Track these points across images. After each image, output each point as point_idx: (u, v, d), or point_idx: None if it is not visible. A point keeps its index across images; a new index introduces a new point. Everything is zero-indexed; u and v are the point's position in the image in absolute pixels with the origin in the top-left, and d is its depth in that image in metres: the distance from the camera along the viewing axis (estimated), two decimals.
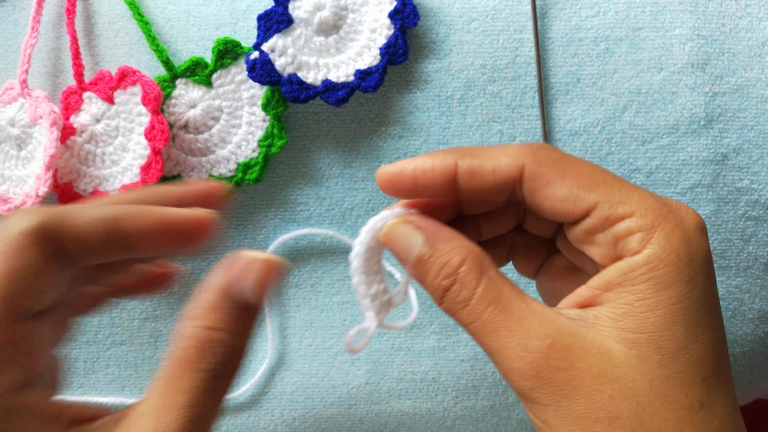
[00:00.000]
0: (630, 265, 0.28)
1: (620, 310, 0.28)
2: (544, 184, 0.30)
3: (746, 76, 0.45)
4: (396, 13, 0.44)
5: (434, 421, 0.49)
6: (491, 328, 0.29)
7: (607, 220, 0.29)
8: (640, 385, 0.27)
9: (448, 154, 0.31)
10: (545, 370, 0.28)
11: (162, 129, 0.43)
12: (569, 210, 0.30)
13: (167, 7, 0.46)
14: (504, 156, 0.30)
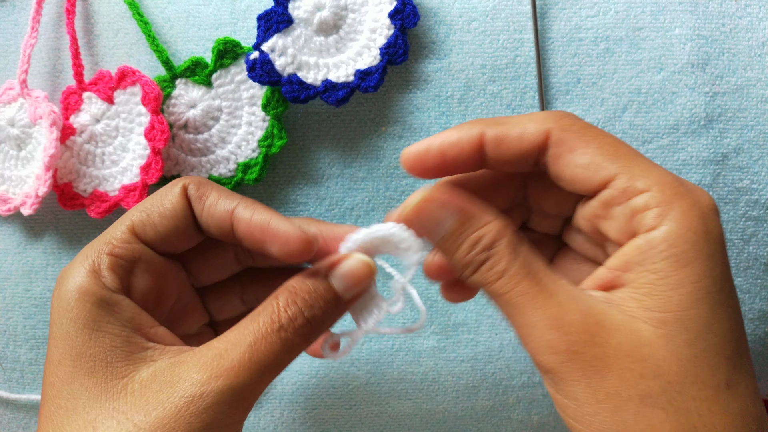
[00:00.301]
0: (648, 242, 0.28)
1: (643, 290, 0.28)
2: (568, 149, 0.30)
3: (746, 76, 0.45)
4: (396, 13, 0.44)
5: (434, 422, 0.49)
6: (526, 299, 0.29)
7: (625, 192, 0.29)
8: (670, 364, 0.27)
9: (473, 125, 0.32)
10: (578, 345, 0.28)
11: (162, 129, 0.43)
12: (589, 178, 0.30)
13: (167, 7, 0.46)
14: (530, 122, 0.31)
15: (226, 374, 0.29)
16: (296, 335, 0.31)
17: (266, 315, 0.31)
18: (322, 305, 0.32)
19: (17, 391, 0.49)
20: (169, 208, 0.33)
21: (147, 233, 0.33)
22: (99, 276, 0.31)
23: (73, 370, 0.30)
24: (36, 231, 0.48)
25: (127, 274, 0.33)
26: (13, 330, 0.48)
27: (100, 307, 0.31)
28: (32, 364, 0.49)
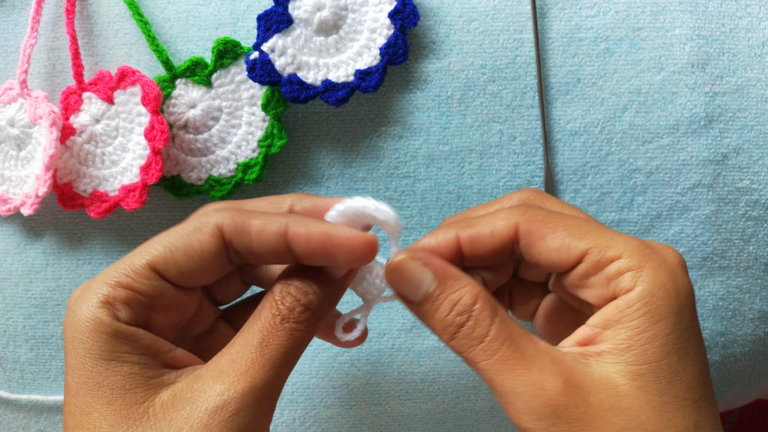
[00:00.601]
0: (625, 302, 0.31)
1: (622, 345, 0.30)
2: (538, 238, 0.33)
3: (746, 76, 0.45)
4: (396, 13, 0.44)
5: (434, 422, 0.49)
6: (507, 366, 0.30)
7: (598, 264, 0.32)
8: (646, 413, 0.29)
9: (447, 230, 0.34)
10: (561, 408, 0.29)
11: (162, 129, 0.43)
12: (563, 259, 0.32)
13: (167, 7, 0.46)
14: (498, 220, 0.33)
15: (242, 377, 0.30)
16: (299, 324, 0.31)
17: (267, 310, 0.32)
18: (316, 289, 0.32)
19: (17, 391, 0.49)
20: (196, 249, 0.32)
21: (169, 271, 0.32)
22: (113, 308, 0.31)
23: (91, 400, 0.30)
24: (36, 231, 0.48)
25: (144, 309, 0.32)
26: (13, 330, 0.48)
27: (116, 338, 0.30)
28: (32, 364, 0.49)
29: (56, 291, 0.47)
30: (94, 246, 0.47)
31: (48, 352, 0.48)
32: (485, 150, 0.46)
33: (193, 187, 0.45)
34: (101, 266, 0.47)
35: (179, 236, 0.32)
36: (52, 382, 0.49)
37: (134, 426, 0.29)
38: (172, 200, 0.47)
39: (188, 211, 0.47)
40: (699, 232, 0.46)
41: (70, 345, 0.31)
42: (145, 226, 0.47)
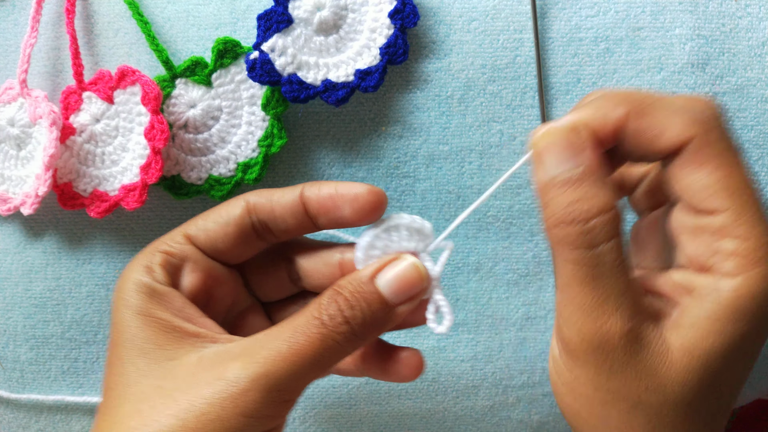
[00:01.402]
0: (720, 285, 0.29)
1: (689, 320, 0.30)
2: (698, 164, 0.29)
3: (746, 76, 0.45)
4: (396, 12, 0.44)
5: (434, 422, 0.49)
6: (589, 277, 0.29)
7: (721, 230, 0.29)
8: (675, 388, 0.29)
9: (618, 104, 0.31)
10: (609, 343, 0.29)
11: (162, 129, 0.43)
12: (700, 201, 0.29)
13: (167, 7, 0.46)
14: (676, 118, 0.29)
15: (262, 361, 0.30)
16: (336, 334, 0.31)
17: (309, 311, 0.32)
18: (364, 307, 0.32)
19: (17, 391, 0.49)
20: (224, 216, 0.36)
21: (199, 237, 0.36)
22: (151, 271, 0.35)
23: (126, 351, 0.33)
24: (36, 231, 0.48)
25: (176, 270, 0.36)
26: (13, 330, 0.48)
27: (152, 297, 0.34)
28: (32, 364, 0.49)
29: (56, 291, 0.47)
30: (94, 246, 0.47)
31: (48, 352, 0.48)
32: (485, 150, 0.46)
33: (193, 187, 0.45)
34: (101, 266, 0.47)
35: (214, 210, 0.37)
36: (52, 381, 0.49)
37: (159, 378, 0.32)
38: (172, 200, 0.47)
39: (188, 211, 0.47)
40: None
41: (114, 305, 0.34)
42: (145, 226, 0.47)
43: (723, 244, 0.29)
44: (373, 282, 0.33)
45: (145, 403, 0.31)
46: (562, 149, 0.30)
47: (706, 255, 0.30)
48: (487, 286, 0.47)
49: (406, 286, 0.33)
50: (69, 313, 0.48)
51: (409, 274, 0.33)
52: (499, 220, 0.47)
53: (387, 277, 0.33)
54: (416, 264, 0.33)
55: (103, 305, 0.47)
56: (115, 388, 0.33)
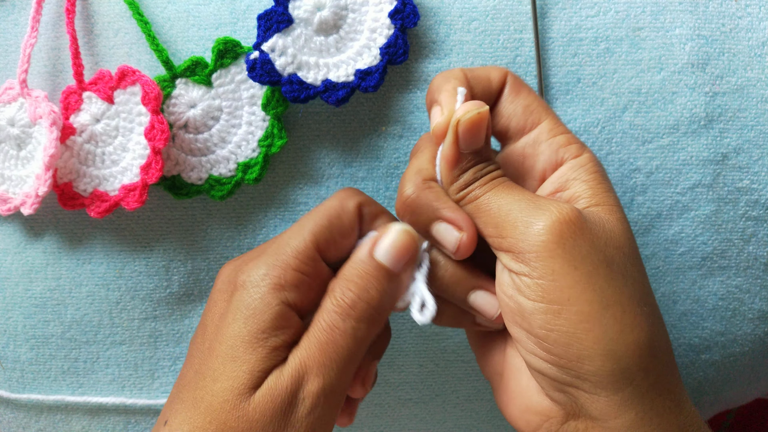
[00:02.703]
0: (578, 162, 0.35)
1: (588, 192, 0.34)
2: (516, 92, 0.37)
3: (746, 76, 0.45)
4: (396, 12, 0.44)
5: (434, 423, 0.49)
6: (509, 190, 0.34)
7: (551, 131, 0.36)
8: (623, 240, 0.33)
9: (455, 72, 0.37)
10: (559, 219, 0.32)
11: (162, 129, 0.43)
12: (525, 118, 0.37)
13: (167, 7, 0.46)
14: (493, 69, 0.38)
15: (316, 375, 0.32)
16: (361, 322, 0.33)
17: (329, 308, 0.34)
18: (376, 284, 0.34)
19: (17, 391, 0.49)
20: (348, 229, 0.36)
21: (330, 253, 0.36)
22: (284, 291, 0.34)
23: (223, 370, 0.33)
24: (36, 231, 0.48)
25: (309, 291, 0.35)
26: (13, 330, 0.48)
27: (274, 321, 0.33)
28: (32, 363, 0.49)
29: (56, 291, 0.47)
30: (94, 246, 0.47)
31: (48, 352, 0.48)
32: None
33: (193, 187, 0.45)
34: (101, 266, 0.47)
35: (331, 213, 0.36)
36: (52, 381, 0.49)
37: (239, 407, 0.32)
38: (172, 200, 0.47)
39: (188, 211, 0.47)
40: (699, 232, 0.46)
41: (232, 316, 0.33)
42: (145, 226, 0.47)
43: (559, 141, 0.36)
44: (372, 257, 0.34)
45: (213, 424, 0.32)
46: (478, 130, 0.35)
47: (552, 155, 0.36)
48: None
49: (403, 250, 0.35)
50: (69, 313, 0.48)
51: (403, 239, 0.35)
52: None
53: (383, 248, 0.34)
54: (405, 228, 0.35)
55: (103, 305, 0.48)
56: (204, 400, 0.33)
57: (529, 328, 0.32)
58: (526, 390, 0.35)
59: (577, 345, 0.31)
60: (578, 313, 0.31)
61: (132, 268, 0.47)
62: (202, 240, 0.47)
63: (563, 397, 0.33)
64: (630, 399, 0.31)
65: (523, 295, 0.32)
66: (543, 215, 0.32)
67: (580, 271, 0.31)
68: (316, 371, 0.32)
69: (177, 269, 0.47)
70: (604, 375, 0.31)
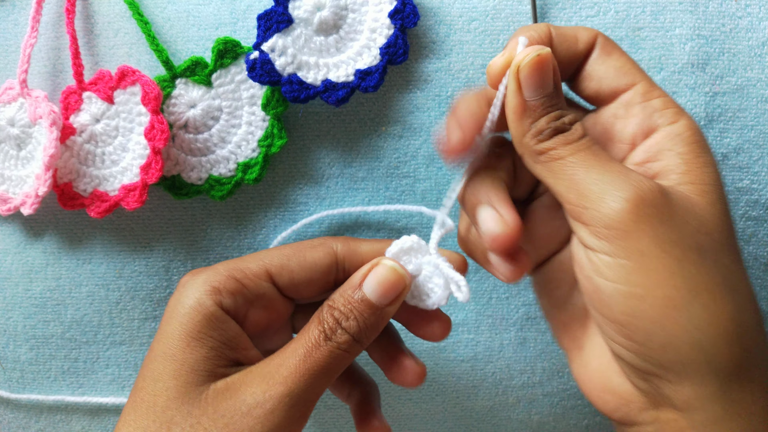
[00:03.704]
0: (674, 130, 0.32)
1: (680, 170, 0.32)
2: (607, 53, 0.34)
3: (746, 76, 0.45)
4: (396, 12, 0.44)
5: (434, 422, 0.49)
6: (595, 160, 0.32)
7: (645, 94, 0.33)
8: (715, 225, 0.31)
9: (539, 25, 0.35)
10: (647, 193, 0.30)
11: (162, 129, 0.43)
12: (618, 79, 0.34)
13: (167, 7, 0.46)
14: (581, 30, 0.35)
15: (283, 381, 0.33)
16: (340, 344, 0.34)
17: (313, 328, 0.35)
18: (357, 315, 0.35)
19: (17, 391, 0.49)
20: (310, 262, 0.37)
21: (282, 277, 0.37)
22: (219, 295, 0.35)
23: (162, 369, 0.34)
24: (36, 231, 0.48)
25: (246, 303, 0.36)
26: (13, 330, 0.48)
27: (208, 321, 0.34)
28: (32, 364, 0.49)
29: (56, 291, 0.47)
30: (94, 246, 0.47)
31: (48, 352, 0.48)
32: None
33: (193, 187, 0.45)
34: (101, 266, 0.47)
35: (297, 251, 0.38)
36: (52, 381, 0.49)
37: (188, 404, 0.33)
38: (172, 200, 0.47)
39: (188, 211, 0.47)
40: None
41: (168, 316, 0.35)
42: (145, 226, 0.47)
43: (654, 105, 0.33)
44: (361, 290, 0.35)
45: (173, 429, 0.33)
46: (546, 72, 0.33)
47: (645, 120, 0.33)
48: (487, 286, 0.47)
49: (390, 288, 0.35)
50: (69, 313, 0.48)
51: (390, 277, 0.35)
52: None
53: (371, 284, 0.35)
54: (393, 267, 0.36)
55: (103, 305, 0.48)
56: (143, 407, 0.34)
57: (609, 312, 0.31)
58: (607, 370, 0.33)
59: (661, 333, 0.29)
60: (665, 298, 0.29)
61: (132, 268, 0.47)
62: (202, 240, 0.47)
63: (646, 384, 0.31)
64: (717, 392, 0.29)
65: (602, 277, 0.31)
66: (632, 189, 0.30)
67: (670, 255, 0.29)
68: (284, 378, 0.33)
69: (177, 269, 0.47)
70: (690, 365, 0.29)
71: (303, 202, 0.47)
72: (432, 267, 0.37)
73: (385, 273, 0.35)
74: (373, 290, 0.35)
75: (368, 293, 0.35)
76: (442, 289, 0.37)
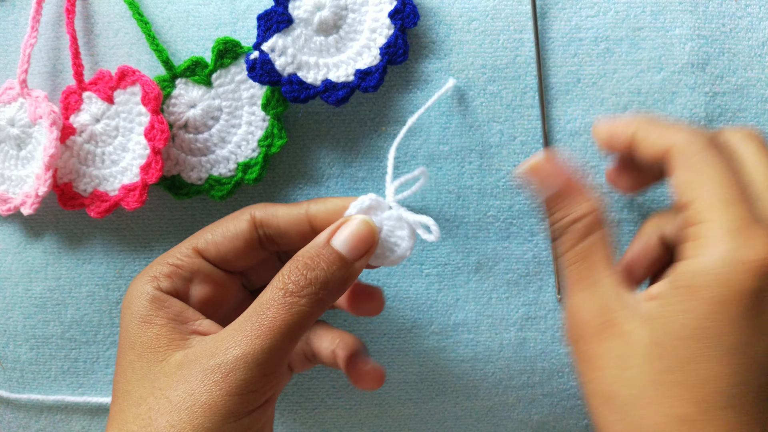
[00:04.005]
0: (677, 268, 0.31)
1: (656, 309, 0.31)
2: (677, 167, 0.33)
3: (746, 76, 0.45)
4: (396, 12, 0.44)
5: (434, 422, 0.49)
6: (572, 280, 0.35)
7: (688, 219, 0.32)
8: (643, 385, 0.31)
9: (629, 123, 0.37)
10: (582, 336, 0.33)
11: (162, 129, 0.43)
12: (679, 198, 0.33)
13: (167, 7, 0.46)
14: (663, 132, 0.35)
15: (238, 344, 0.33)
16: (301, 297, 0.34)
17: (274, 284, 0.35)
18: (324, 266, 0.35)
19: (17, 391, 0.49)
20: (232, 231, 0.38)
21: (209, 251, 0.39)
22: (157, 281, 0.37)
23: (129, 357, 0.35)
24: (36, 231, 0.48)
25: (184, 282, 0.38)
26: (13, 330, 0.48)
27: (152, 303, 0.36)
28: (32, 363, 0.49)
29: (56, 291, 0.47)
30: (94, 246, 0.47)
31: (48, 352, 0.48)
32: (485, 150, 0.46)
33: (193, 187, 0.45)
34: (101, 266, 0.47)
35: (220, 224, 0.39)
36: (52, 381, 0.49)
37: (153, 379, 0.34)
38: (172, 200, 0.47)
39: (188, 211, 0.47)
40: None
41: (122, 313, 0.37)
42: (145, 226, 0.47)
43: (687, 232, 0.32)
44: (329, 244, 0.35)
45: (142, 406, 0.33)
46: (544, 174, 0.36)
47: (679, 244, 0.33)
48: (487, 286, 0.47)
49: (361, 241, 0.36)
50: (69, 313, 0.48)
51: (362, 229, 0.36)
52: (499, 220, 0.47)
53: (342, 237, 0.35)
54: (366, 220, 0.36)
55: (103, 305, 0.48)
56: (119, 393, 0.35)
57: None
58: None
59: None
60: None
61: (132, 268, 0.47)
62: None
63: None
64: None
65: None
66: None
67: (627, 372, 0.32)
68: (239, 341, 0.33)
69: None
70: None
71: None
72: (393, 221, 0.38)
73: (357, 226, 0.36)
74: (344, 243, 0.35)
75: (338, 246, 0.35)
76: (407, 239, 0.38)
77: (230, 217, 0.39)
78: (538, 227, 0.47)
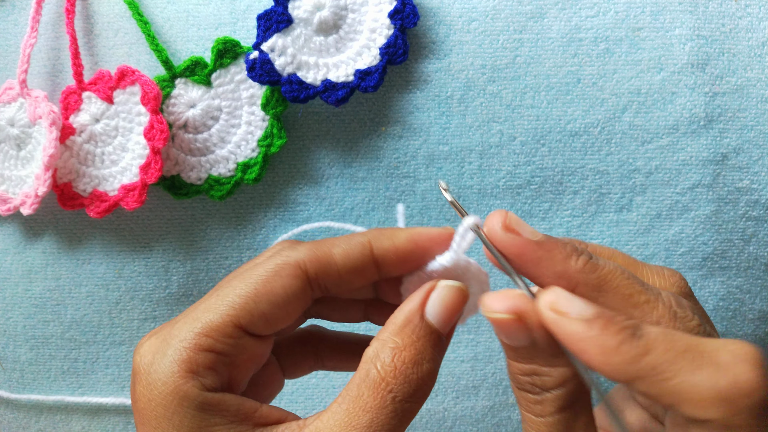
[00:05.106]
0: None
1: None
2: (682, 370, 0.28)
3: (746, 76, 0.45)
4: (396, 13, 0.44)
5: (434, 422, 0.49)
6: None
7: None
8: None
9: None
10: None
11: (161, 129, 0.43)
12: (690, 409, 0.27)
13: (167, 7, 0.46)
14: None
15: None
16: (414, 404, 0.29)
17: (370, 383, 0.28)
18: (431, 354, 0.29)
19: (17, 391, 0.49)
20: (281, 295, 0.30)
21: (255, 324, 0.30)
22: (197, 376, 0.29)
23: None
24: (36, 231, 0.48)
25: (227, 368, 0.30)
26: (13, 330, 0.48)
27: (204, 411, 0.28)
28: (32, 364, 0.49)
29: (56, 291, 0.47)
30: (93, 246, 0.47)
31: (48, 352, 0.48)
32: (485, 150, 0.46)
33: (192, 187, 0.45)
34: (101, 266, 0.47)
35: (260, 283, 0.30)
36: (52, 382, 0.49)
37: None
38: (171, 200, 0.47)
39: (188, 211, 0.47)
40: (699, 232, 0.46)
41: (153, 421, 0.28)
42: (145, 226, 0.47)
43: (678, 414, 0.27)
44: (425, 319, 0.29)
45: None
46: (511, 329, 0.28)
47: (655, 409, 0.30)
48: None
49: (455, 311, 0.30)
50: (69, 313, 0.48)
51: (454, 295, 0.30)
52: None
53: (436, 310, 0.30)
54: (458, 285, 0.30)
55: (103, 305, 0.47)
56: None
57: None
58: None
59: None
60: None
61: (131, 268, 0.47)
62: (202, 240, 0.47)
63: None
64: None
65: None
66: None
67: None
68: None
69: (176, 269, 0.47)
70: None
71: (303, 202, 0.47)
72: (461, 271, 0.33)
73: (449, 293, 0.29)
74: (439, 317, 0.29)
75: (434, 321, 0.29)
76: (478, 295, 0.31)
77: (270, 272, 0.31)
78: (539, 228, 0.47)
